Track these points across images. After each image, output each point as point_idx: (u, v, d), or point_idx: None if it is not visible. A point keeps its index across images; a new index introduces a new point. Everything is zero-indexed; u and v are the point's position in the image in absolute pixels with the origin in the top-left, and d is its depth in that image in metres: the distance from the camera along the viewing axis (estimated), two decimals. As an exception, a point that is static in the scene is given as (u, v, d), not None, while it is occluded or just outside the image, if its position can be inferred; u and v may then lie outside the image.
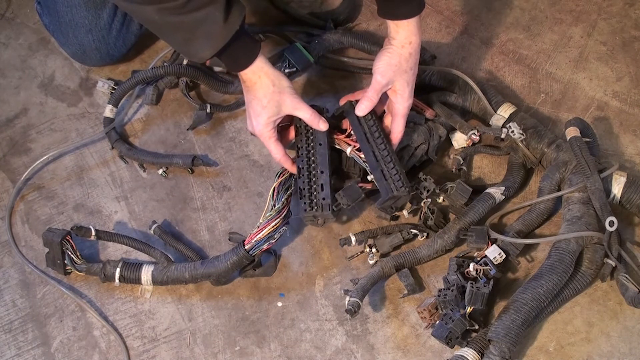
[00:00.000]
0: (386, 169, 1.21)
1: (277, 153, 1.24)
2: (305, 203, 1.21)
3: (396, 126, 1.24)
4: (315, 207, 1.20)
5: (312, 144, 1.25)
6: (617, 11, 1.57)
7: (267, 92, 1.19)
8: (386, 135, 1.25)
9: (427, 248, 1.25)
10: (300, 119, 1.24)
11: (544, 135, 1.31)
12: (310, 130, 1.25)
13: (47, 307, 1.29)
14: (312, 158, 1.24)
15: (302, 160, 1.24)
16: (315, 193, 1.21)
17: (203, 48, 1.14)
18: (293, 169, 1.25)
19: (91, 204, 1.40)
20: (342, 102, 1.28)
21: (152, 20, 1.11)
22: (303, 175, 1.23)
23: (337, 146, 1.27)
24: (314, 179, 1.22)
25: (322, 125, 1.24)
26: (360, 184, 1.28)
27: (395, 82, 1.22)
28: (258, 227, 1.23)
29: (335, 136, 1.27)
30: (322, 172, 1.22)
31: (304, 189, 1.22)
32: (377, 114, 1.26)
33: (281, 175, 1.29)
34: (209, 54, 1.14)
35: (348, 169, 1.30)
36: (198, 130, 1.47)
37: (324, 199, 1.21)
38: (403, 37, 1.20)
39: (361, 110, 1.23)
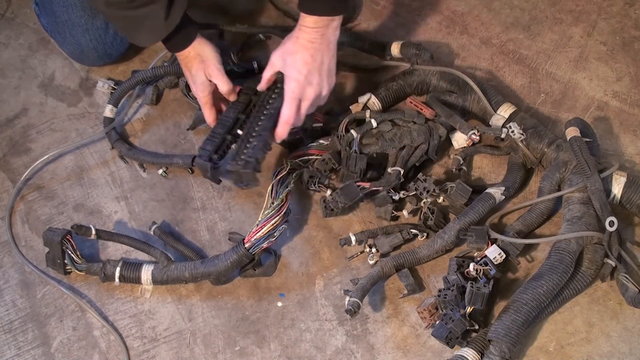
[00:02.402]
0: (242, 145, 1.26)
1: (210, 116, 1.35)
2: (231, 157, 1.25)
3: (283, 108, 1.26)
4: (239, 162, 1.23)
5: (263, 105, 1.30)
6: (617, 11, 1.57)
7: (198, 67, 1.31)
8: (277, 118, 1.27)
9: (427, 248, 1.25)
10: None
11: (544, 135, 1.31)
12: (271, 94, 1.31)
13: (47, 307, 1.29)
14: (257, 117, 1.29)
15: (235, 111, 1.32)
16: (245, 151, 1.25)
17: (145, 39, 1.31)
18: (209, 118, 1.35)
19: (91, 204, 1.40)
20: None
21: (101, 9, 1.28)
22: (228, 127, 1.29)
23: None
24: (250, 138, 1.26)
25: (232, 97, 1.34)
26: (359, 183, 1.28)
27: (285, 65, 1.26)
28: (257, 225, 1.23)
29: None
30: (259, 136, 1.26)
31: (236, 141, 1.28)
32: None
33: (279, 172, 1.29)
34: (150, 44, 1.39)
35: (348, 168, 1.30)
36: (198, 130, 1.47)
37: (250, 157, 1.23)
38: (300, 23, 1.24)
39: (260, 86, 1.32)
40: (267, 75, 1.30)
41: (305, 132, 1.37)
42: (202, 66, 1.32)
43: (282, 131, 1.27)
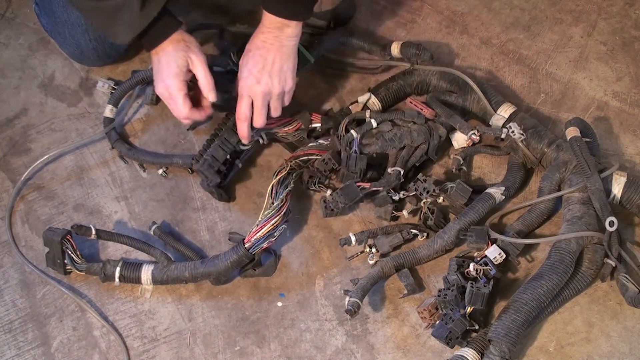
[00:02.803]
0: (212, 145, 1.31)
1: (185, 106, 1.28)
2: (194, 157, 1.32)
3: (237, 105, 1.28)
4: (198, 161, 1.30)
5: (229, 115, 1.34)
6: (617, 11, 1.57)
7: (177, 47, 1.26)
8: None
9: (427, 248, 1.25)
10: None
11: (544, 135, 1.31)
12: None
13: (47, 307, 1.29)
14: (225, 125, 1.33)
15: (215, 129, 1.34)
16: (207, 151, 1.30)
17: (122, 33, 1.24)
18: (201, 115, 1.32)
19: (91, 204, 1.40)
20: None
21: (76, 3, 1.25)
22: (207, 140, 1.33)
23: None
24: (214, 142, 1.31)
25: (211, 95, 1.29)
26: (359, 184, 1.28)
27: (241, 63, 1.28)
28: (257, 225, 1.23)
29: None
30: (221, 135, 1.32)
31: (201, 150, 1.32)
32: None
33: (279, 172, 1.29)
34: (128, 39, 1.25)
35: (348, 168, 1.31)
36: (198, 130, 1.47)
37: (208, 155, 1.30)
38: (261, 23, 1.27)
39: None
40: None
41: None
42: (185, 48, 1.27)
43: (240, 129, 1.30)
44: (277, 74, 1.27)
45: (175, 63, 1.26)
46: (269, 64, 1.26)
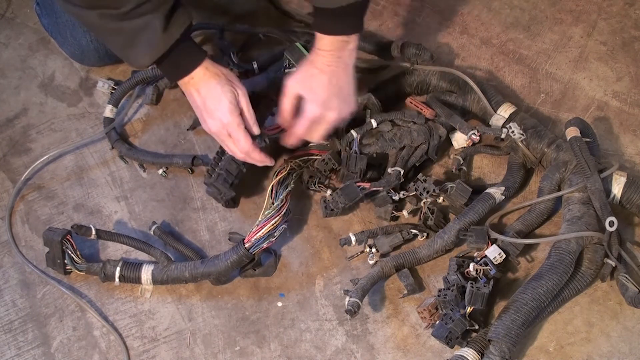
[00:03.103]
0: (224, 158, 1.30)
1: (247, 141, 1.23)
2: (207, 172, 1.31)
3: (298, 124, 1.24)
4: (211, 175, 1.29)
5: None
6: (617, 11, 1.57)
7: (218, 81, 1.20)
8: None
9: (427, 248, 1.25)
10: None
11: (544, 135, 1.31)
12: None
13: (47, 307, 1.29)
14: None
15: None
16: (219, 164, 1.30)
17: (142, 56, 1.16)
18: (264, 160, 1.27)
19: (91, 204, 1.40)
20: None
21: (93, 24, 1.13)
22: (217, 153, 1.32)
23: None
24: (225, 155, 1.30)
25: (255, 128, 1.25)
26: (359, 184, 1.28)
27: (303, 89, 1.22)
28: (257, 225, 1.24)
29: None
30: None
31: (212, 163, 1.31)
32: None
33: (279, 173, 1.29)
34: (147, 62, 1.16)
35: (348, 168, 1.31)
36: (198, 130, 1.47)
37: (221, 169, 1.28)
38: (315, 46, 1.21)
39: (280, 118, 1.26)
40: (286, 104, 1.24)
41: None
42: (228, 81, 1.21)
43: (291, 141, 1.27)
44: (346, 97, 1.23)
45: (227, 98, 1.20)
46: (337, 88, 1.21)
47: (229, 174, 1.30)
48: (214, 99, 1.20)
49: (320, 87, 1.21)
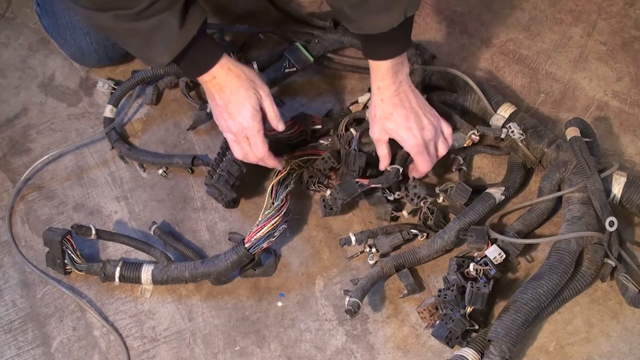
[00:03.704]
0: (225, 159, 1.30)
1: (264, 148, 1.22)
2: (208, 173, 1.31)
3: (418, 166, 1.25)
4: (212, 176, 1.29)
5: None
6: (617, 11, 1.57)
7: (242, 82, 1.18)
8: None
9: (427, 248, 1.25)
10: None
11: (544, 135, 1.31)
12: None
13: (47, 307, 1.29)
14: None
15: (224, 142, 1.31)
16: (220, 166, 1.30)
17: (159, 54, 1.13)
18: (276, 165, 1.27)
19: (91, 204, 1.40)
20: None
21: (108, 26, 1.11)
22: (218, 154, 1.31)
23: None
24: (226, 156, 1.31)
25: (280, 125, 1.24)
26: (357, 180, 1.28)
27: (391, 132, 1.22)
28: (257, 225, 1.24)
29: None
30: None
31: (213, 164, 1.31)
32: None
33: (279, 173, 1.29)
34: (165, 60, 1.14)
35: (347, 166, 1.30)
36: (198, 130, 1.47)
37: (222, 171, 1.28)
38: (374, 81, 1.20)
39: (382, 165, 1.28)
40: (385, 153, 1.26)
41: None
42: (252, 85, 1.19)
43: (419, 175, 1.28)
44: (426, 112, 1.22)
45: (250, 103, 1.18)
46: (416, 108, 1.21)
47: (230, 175, 1.30)
48: (237, 103, 1.18)
49: (403, 118, 1.20)
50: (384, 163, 1.28)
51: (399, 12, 1.10)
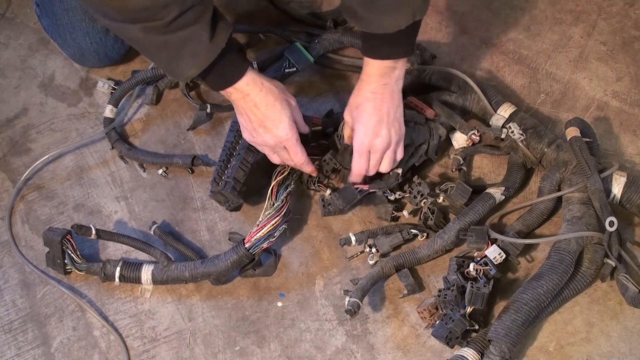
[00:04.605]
0: (223, 165, 1.29)
1: (304, 155, 1.24)
2: (214, 180, 1.29)
3: (354, 162, 1.25)
4: (219, 183, 1.27)
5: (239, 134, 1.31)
6: (617, 11, 1.57)
7: (277, 95, 1.19)
8: None
9: (427, 248, 1.25)
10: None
11: (544, 135, 1.31)
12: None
13: (47, 307, 1.29)
14: (238, 144, 1.31)
15: (227, 149, 1.31)
16: (226, 172, 1.29)
17: (188, 67, 1.12)
18: (313, 171, 1.29)
19: (91, 204, 1.40)
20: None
21: (137, 39, 1.10)
22: (220, 163, 1.30)
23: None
24: (231, 162, 1.29)
25: (306, 128, 1.27)
26: (356, 185, 1.28)
27: (353, 119, 1.23)
28: (258, 225, 1.24)
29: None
30: (238, 155, 1.30)
31: (218, 171, 1.29)
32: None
33: (280, 173, 1.29)
34: (194, 73, 1.13)
35: (342, 163, 1.30)
36: (198, 130, 1.47)
37: (228, 177, 1.27)
38: (362, 72, 1.20)
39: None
40: (348, 134, 1.26)
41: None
42: (286, 97, 1.21)
43: (355, 180, 1.27)
44: (393, 124, 1.22)
45: (286, 116, 1.20)
46: (384, 115, 1.20)
47: (237, 181, 1.29)
48: (274, 118, 1.20)
49: (367, 115, 1.20)
50: (345, 142, 1.28)
51: (407, 14, 1.11)
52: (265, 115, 1.19)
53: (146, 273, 1.26)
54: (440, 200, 1.31)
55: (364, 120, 1.21)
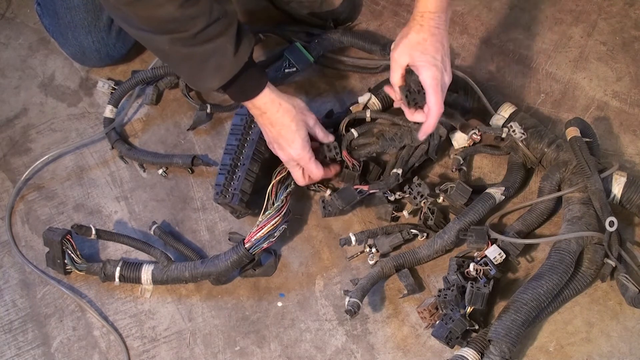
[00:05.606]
0: (229, 176, 1.28)
1: (319, 171, 1.26)
2: (219, 192, 1.27)
3: (432, 101, 1.18)
4: (226, 196, 1.26)
5: (244, 141, 1.31)
6: (617, 11, 1.57)
7: (293, 116, 1.21)
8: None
9: (427, 248, 1.25)
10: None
11: (544, 135, 1.31)
12: (246, 128, 1.31)
13: (47, 307, 1.29)
14: (242, 153, 1.30)
15: (231, 155, 1.29)
16: (232, 184, 1.28)
17: (211, 79, 1.13)
18: (331, 175, 1.30)
19: (91, 204, 1.40)
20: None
21: (163, 49, 1.10)
22: (225, 168, 1.28)
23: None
24: (236, 173, 1.28)
25: (329, 138, 1.29)
26: (356, 186, 1.28)
27: (414, 57, 1.18)
28: (258, 225, 1.24)
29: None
30: (243, 165, 1.29)
31: (224, 181, 1.28)
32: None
33: (279, 173, 1.29)
34: (216, 85, 1.14)
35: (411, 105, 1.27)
36: (198, 130, 1.47)
37: (235, 190, 1.26)
38: (419, 6, 1.18)
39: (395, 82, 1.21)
40: (396, 78, 1.21)
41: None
42: (303, 117, 1.23)
43: (431, 126, 1.21)
44: (449, 64, 1.20)
45: (300, 137, 1.22)
46: (447, 52, 1.17)
47: (244, 193, 1.28)
48: (287, 138, 1.22)
49: (434, 50, 1.16)
50: (395, 89, 1.23)
51: None
52: (279, 134, 1.22)
53: (146, 273, 1.26)
54: (440, 200, 1.31)
55: (432, 55, 1.16)
